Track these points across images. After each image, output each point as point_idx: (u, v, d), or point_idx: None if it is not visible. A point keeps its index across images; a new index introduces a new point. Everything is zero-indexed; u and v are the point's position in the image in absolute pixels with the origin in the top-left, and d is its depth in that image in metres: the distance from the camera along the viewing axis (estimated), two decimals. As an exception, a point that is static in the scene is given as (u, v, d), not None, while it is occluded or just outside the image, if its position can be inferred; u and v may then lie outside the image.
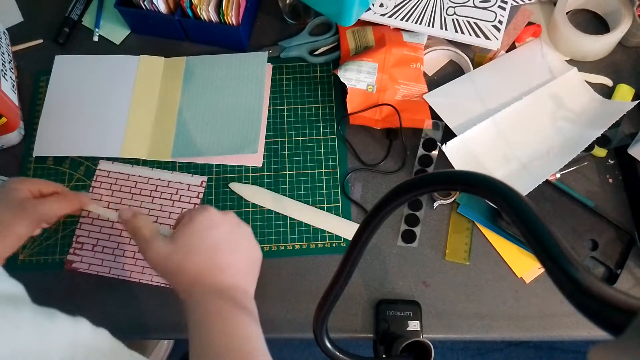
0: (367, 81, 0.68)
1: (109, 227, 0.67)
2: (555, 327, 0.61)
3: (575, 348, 1.33)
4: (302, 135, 0.71)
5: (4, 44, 0.74)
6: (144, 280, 0.65)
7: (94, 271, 0.65)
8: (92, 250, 0.66)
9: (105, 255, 0.66)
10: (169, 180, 0.69)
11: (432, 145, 0.68)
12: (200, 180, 0.69)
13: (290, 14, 0.76)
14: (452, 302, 0.63)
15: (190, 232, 0.52)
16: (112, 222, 0.67)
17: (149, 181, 0.69)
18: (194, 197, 0.68)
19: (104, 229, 0.67)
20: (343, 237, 0.66)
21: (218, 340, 0.47)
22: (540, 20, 0.74)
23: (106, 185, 0.69)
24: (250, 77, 0.73)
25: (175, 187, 0.69)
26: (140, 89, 0.73)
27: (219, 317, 0.48)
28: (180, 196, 0.68)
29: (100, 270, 0.65)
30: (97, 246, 0.66)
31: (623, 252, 0.62)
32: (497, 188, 0.28)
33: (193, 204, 0.68)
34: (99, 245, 0.66)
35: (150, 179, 0.69)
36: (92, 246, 0.66)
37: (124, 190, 0.69)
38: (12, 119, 0.68)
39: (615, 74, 0.71)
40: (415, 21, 0.70)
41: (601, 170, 0.67)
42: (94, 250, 0.66)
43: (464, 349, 1.35)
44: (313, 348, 1.36)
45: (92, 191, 0.69)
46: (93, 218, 0.68)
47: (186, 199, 0.68)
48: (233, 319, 0.49)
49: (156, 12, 0.72)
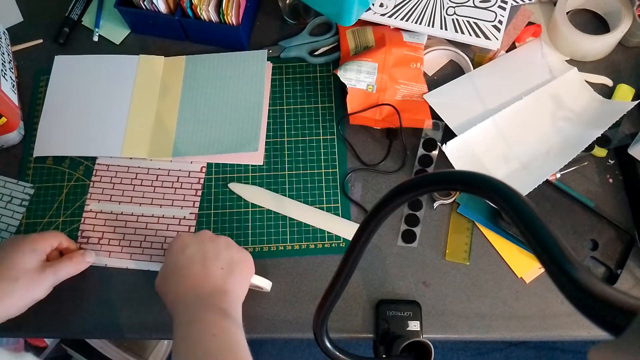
0: (367, 81, 0.68)
1: (113, 220, 0.68)
2: (555, 327, 0.61)
3: (575, 348, 1.33)
4: (302, 135, 0.71)
5: (4, 44, 0.74)
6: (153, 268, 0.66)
7: (102, 264, 0.66)
8: (98, 243, 0.67)
9: (112, 247, 0.67)
10: (169, 169, 0.70)
11: (432, 145, 0.68)
12: (200, 166, 0.70)
13: (290, 14, 0.76)
14: (452, 302, 0.63)
15: (167, 261, 0.58)
16: (116, 215, 0.68)
17: (149, 171, 0.70)
18: (195, 183, 0.69)
19: (109, 221, 0.68)
20: (343, 237, 0.66)
21: (195, 350, 0.48)
22: (540, 20, 0.74)
23: (106, 179, 0.70)
24: (250, 75, 0.73)
25: (175, 175, 0.70)
26: (140, 89, 0.73)
27: (195, 327, 0.50)
28: (181, 183, 0.69)
29: (109, 263, 0.66)
30: (103, 239, 0.67)
31: (623, 252, 0.62)
32: (497, 188, 0.28)
33: (195, 189, 0.69)
34: (104, 237, 0.67)
35: (150, 169, 0.70)
36: (97, 239, 0.67)
37: (125, 182, 0.70)
38: (12, 119, 0.68)
39: (615, 74, 0.71)
40: (415, 21, 0.70)
41: (601, 170, 0.67)
42: (100, 243, 0.67)
43: (464, 349, 1.35)
44: (313, 348, 1.36)
45: (93, 185, 0.69)
46: (96, 212, 0.68)
47: (187, 185, 0.69)
48: (211, 327, 0.50)
49: (156, 12, 0.72)
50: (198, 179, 0.69)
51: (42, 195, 0.69)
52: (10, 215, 0.68)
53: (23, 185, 0.70)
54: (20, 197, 0.69)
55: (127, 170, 0.70)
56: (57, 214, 0.68)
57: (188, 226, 0.67)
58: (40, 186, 0.70)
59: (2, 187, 0.70)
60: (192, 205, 0.68)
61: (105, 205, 0.69)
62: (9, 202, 0.69)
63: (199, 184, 0.69)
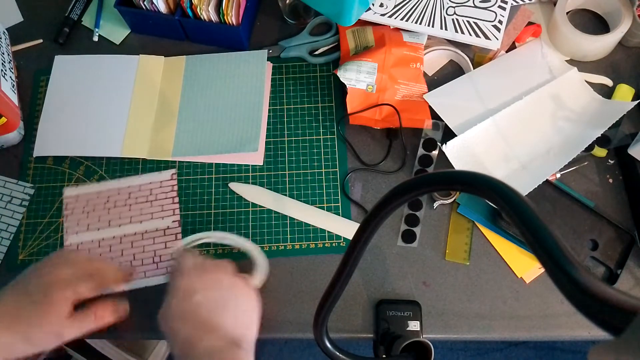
0: (367, 81, 0.68)
1: (97, 247, 0.65)
2: (555, 327, 0.61)
3: (575, 348, 1.33)
4: (302, 135, 0.71)
5: (4, 44, 0.74)
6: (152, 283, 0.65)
7: None
8: None
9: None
10: (139, 184, 0.69)
11: (432, 145, 0.68)
12: (170, 173, 0.69)
13: (290, 14, 0.76)
14: (452, 302, 0.63)
15: (172, 301, 0.54)
16: (99, 242, 0.66)
17: (119, 192, 0.68)
18: (170, 191, 0.68)
19: (93, 250, 0.66)
20: (343, 237, 0.66)
21: None
22: (540, 20, 0.74)
23: (79, 210, 0.68)
24: (250, 75, 0.73)
25: (147, 188, 0.69)
26: (140, 89, 0.73)
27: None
28: (155, 195, 0.68)
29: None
30: None
31: (623, 252, 0.62)
32: (497, 188, 0.28)
33: (171, 197, 0.68)
34: None
35: (120, 189, 0.68)
36: None
37: (98, 208, 0.68)
38: (12, 119, 0.68)
39: (615, 74, 0.71)
40: (415, 21, 0.70)
41: (601, 170, 0.67)
42: None
43: (464, 349, 1.35)
44: (313, 348, 1.36)
45: (67, 220, 0.67)
46: (77, 244, 0.66)
47: (162, 195, 0.68)
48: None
49: (156, 12, 0.72)
50: (171, 187, 0.68)
51: (42, 195, 0.69)
52: (10, 215, 0.68)
53: (23, 185, 0.70)
54: (20, 197, 0.69)
55: (98, 196, 0.68)
56: (57, 214, 0.68)
57: (174, 234, 0.66)
58: (40, 186, 0.70)
59: (2, 187, 0.70)
60: (173, 213, 0.68)
61: (85, 235, 0.67)
62: (9, 202, 0.69)
63: (173, 191, 0.68)
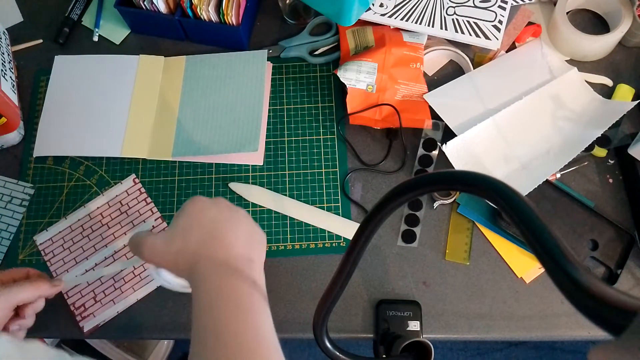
0: (367, 81, 0.68)
1: None
2: (555, 327, 0.61)
3: (575, 348, 1.33)
4: (302, 135, 0.71)
5: (4, 44, 0.74)
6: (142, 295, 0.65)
7: (109, 317, 0.64)
8: (97, 302, 0.64)
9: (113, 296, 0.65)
10: (105, 202, 0.69)
11: (432, 145, 0.68)
12: (131, 179, 0.69)
13: (290, 14, 0.76)
14: (452, 302, 0.63)
15: (185, 216, 0.50)
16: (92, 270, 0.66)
17: (90, 216, 0.68)
18: (139, 195, 0.69)
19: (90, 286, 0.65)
20: (343, 237, 0.66)
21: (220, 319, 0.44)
22: (540, 20, 0.74)
23: (58, 250, 0.67)
24: (250, 75, 0.73)
25: (116, 202, 0.69)
26: (140, 89, 0.73)
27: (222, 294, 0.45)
28: (127, 204, 0.69)
29: (109, 314, 0.64)
30: (96, 297, 0.64)
31: (623, 252, 0.62)
32: (497, 188, 0.28)
33: (143, 200, 0.68)
34: (97, 296, 0.64)
35: (90, 214, 0.68)
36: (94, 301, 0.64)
37: (76, 239, 0.67)
38: (12, 119, 0.68)
39: (615, 74, 0.71)
40: (415, 21, 0.70)
41: (601, 170, 0.67)
42: (99, 301, 0.64)
43: (464, 349, 1.35)
44: (313, 348, 1.36)
45: (52, 264, 0.66)
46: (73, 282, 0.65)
47: (134, 202, 0.69)
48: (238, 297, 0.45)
49: (156, 12, 0.72)
50: (139, 190, 0.69)
51: (42, 195, 0.69)
52: (10, 215, 0.68)
53: (23, 185, 0.70)
54: (20, 197, 0.69)
55: (71, 230, 0.67)
56: (58, 214, 0.68)
57: (163, 229, 0.67)
58: (40, 186, 0.70)
59: (2, 187, 0.70)
60: (152, 212, 0.68)
61: (76, 269, 0.66)
62: (9, 202, 0.69)
63: (142, 194, 0.69)
